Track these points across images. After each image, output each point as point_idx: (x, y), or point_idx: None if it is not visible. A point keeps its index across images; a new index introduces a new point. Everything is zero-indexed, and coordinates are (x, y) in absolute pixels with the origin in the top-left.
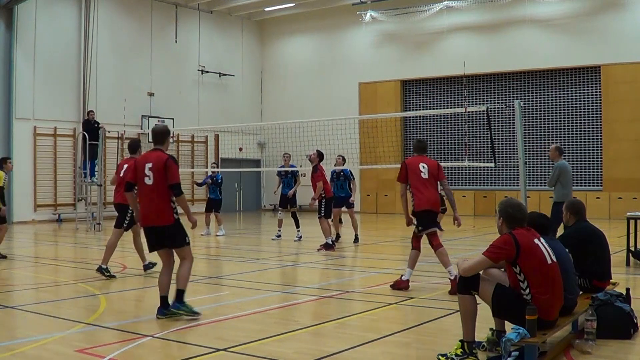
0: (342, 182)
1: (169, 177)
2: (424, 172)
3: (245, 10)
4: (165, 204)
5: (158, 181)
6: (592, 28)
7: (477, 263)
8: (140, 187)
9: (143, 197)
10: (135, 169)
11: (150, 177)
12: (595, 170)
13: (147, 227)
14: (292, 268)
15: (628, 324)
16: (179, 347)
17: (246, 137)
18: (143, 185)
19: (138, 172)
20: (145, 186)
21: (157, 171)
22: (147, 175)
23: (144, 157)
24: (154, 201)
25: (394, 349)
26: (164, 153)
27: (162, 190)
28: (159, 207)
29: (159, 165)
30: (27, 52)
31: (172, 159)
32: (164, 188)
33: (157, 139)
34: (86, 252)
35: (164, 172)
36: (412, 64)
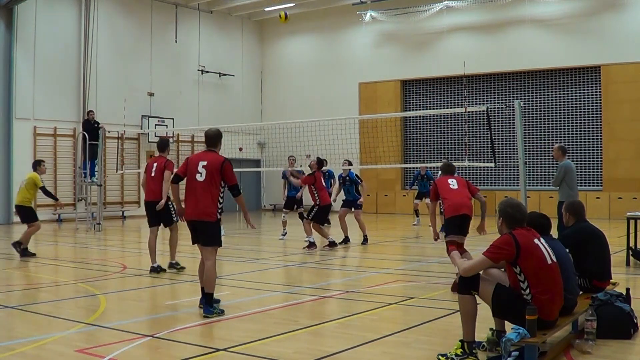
0: (348, 187)
1: (227, 179)
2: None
3: (245, 10)
4: (212, 201)
5: (209, 180)
6: (592, 28)
7: (477, 263)
8: (190, 183)
9: (191, 192)
10: (187, 164)
11: (203, 174)
12: (595, 170)
13: (191, 221)
14: (292, 268)
15: (628, 324)
16: (179, 347)
17: (246, 137)
18: (193, 182)
19: (190, 168)
20: (196, 182)
21: (211, 170)
22: (199, 172)
23: (198, 156)
24: (202, 197)
25: (394, 349)
26: (219, 155)
27: (212, 188)
28: (206, 203)
29: (214, 166)
30: (27, 52)
31: (228, 161)
32: (214, 187)
33: (211, 142)
34: (86, 252)
35: (219, 173)
36: (412, 64)
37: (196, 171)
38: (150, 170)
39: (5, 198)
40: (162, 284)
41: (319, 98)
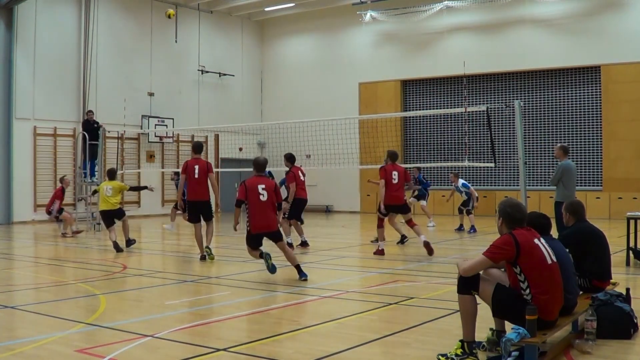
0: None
1: (278, 197)
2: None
3: (245, 10)
4: (274, 214)
5: (270, 199)
6: (592, 28)
7: (477, 263)
8: (255, 203)
9: (257, 210)
10: (247, 190)
11: (264, 196)
12: (595, 170)
13: (261, 232)
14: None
15: (628, 324)
16: (179, 347)
17: (246, 137)
18: (258, 202)
19: (251, 192)
20: (261, 202)
21: (270, 192)
22: (261, 194)
23: (255, 180)
24: (268, 213)
25: (394, 349)
26: (271, 179)
27: (273, 205)
28: (270, 217)
29: (271, 188)
30: (27, 52)
31: (277, 184)
32: (273, 204)
33: (260, 168)
34: (86, 252)
35: (274, 193)
36: (412, 64)
37: (258, 194)
38: (193, 172)
39: (6, 198)
40: (162, 284)
41: (319, 98)
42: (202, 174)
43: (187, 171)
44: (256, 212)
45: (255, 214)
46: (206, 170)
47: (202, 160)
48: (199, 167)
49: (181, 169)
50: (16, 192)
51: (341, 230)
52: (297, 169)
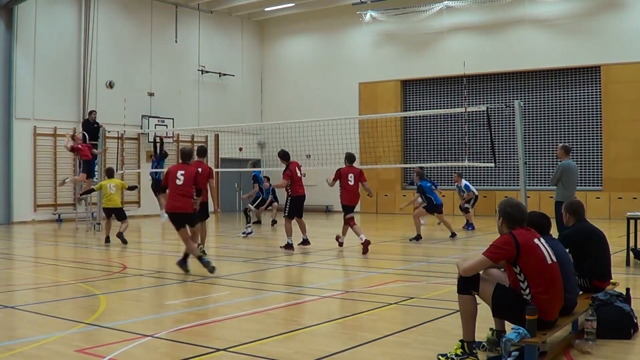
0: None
1: (197, 184)
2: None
3: (245, 10)
4: (189, 199)
5: (187, 183)
6: (592, 28)
7: (477, 263)
8: (172, 186)
9: (172, 192)
10: (169, 175)
11: (181, 180)
12: (595, 170)
13: (173, 212)
14: (292, 268)
15: (628, 324)
16: (179, 347)
17: (246, 137)
18: (175, 185)
19: (171, 176)
20: (176, 185)
21: (187, 178)
22: (178, 179)
23: (177, 167)
24: (181, 195)
25: (394, 349)
26: (193, 167)
27: (189, 190)
28: (184, 200)
29: (190, 175)
30: (27, 52)
31: (198, 172)
32: (189, 189)
33: (185, 157)
34: (86, 252)
35: (193, 180)
36: (412, 64)
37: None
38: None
39: (6, 198)
40: (162, 284)
41: (319, 98)
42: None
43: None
44: (171, 193)
45: (170, 195)
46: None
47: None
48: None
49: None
50: (16, 192)
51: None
52: (294, 165)
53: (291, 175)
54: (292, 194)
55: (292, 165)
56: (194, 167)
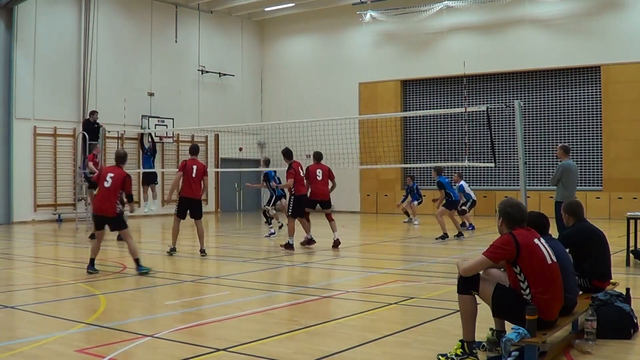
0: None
1: (125, 188)
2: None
3: (245, 10)
4: (114, 202)
5: (114, 187)
6: (592, 28)
7: (477, 263)
8: (100, 188)
9: (99, 194)
10: (100, 175)
11: (109, 182)
12: (595, 170)
13: (97, 214)
14: (292, 268)
15: (628, 324)
16: (179, 347)
17: (246, 137)
18: (102, 187)
19: (101, 178)
20: (104, 188)
21: (115, 181)
22: (106, 181)
23: (108, 169)
24: (107, 198)
25: (394, 349)
26: (123, 170)
27: (115, 193)
28: (109, 203)
29: (118, 178)
30: (27, 52)
31: (128, 176)
32: (116, 192)
33: (119, 160)
34: (86, 252)
35: (121, 183)
36: (412, 64)
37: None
38: (191, 172)
39: (6, 198)
40: (162, 284)
41: (319, 98)
42: (199, 175)
43: (186, 170)
44: (98, 195)
45: (97, 197)
46: (203, 172)
47: (199, 162)
48: (197, 168)
49: (179, 166)
50: (16, 192)
51: (341, 230)
52: (297, 164)
53: (295, 175)
54: (295, 193)
55: (295, 165)
56: (123, 171)
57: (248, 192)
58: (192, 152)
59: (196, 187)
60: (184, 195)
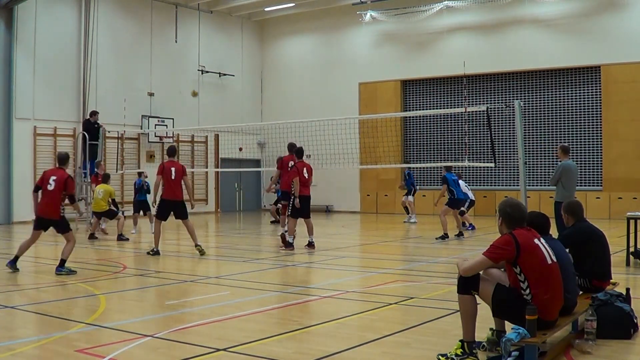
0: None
1: (67, 189)
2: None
3: (245, 10)
4: (57, 204)
5: (57, 189)
6: (592, 28)
7: (477, 263)
8: (44, 191)
9: (44, 197)
10: (43, 179)
11: (52, 185)
12: (595, 170)
13: (41, 217)
14: (292, 268)
15: (628, 324)
16: (179, 347)
17: (246, 137)
18: (46, 190)
19: (44, 181)
20: (47, 190)
21: (58, 183)
22: (50, 184)
23: (51, 172)
24: (51, 201)
25: (393, 349)
26: (65, 172)
27: (58, 195)
28: (53, 205)
29: (60, 180)
30: (27, 52)
31: (70, 177)
32: (59, 194)
33: (61, 162)
34: (86, 252)
35: (63, 185)
36: (412, 64)
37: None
38: (169, 174)
39: (6, 198)
40: (162, 284)
41: (319, 98)
42: (178, 176)
43: (164, 172)
44: (42, 198)
45: (41, 200)
46: (182, 173)
47: (177, 163)
48: (175, 169)
49: (158, 170)
50: (16, 192)
51: (341, 230)
52: (302, 165)
53: (298, 175)
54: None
55: (299, 165)
56: (64, 173)
57: (248, 192)
58: (169, 154)
59: (177, 188)
60: (165, 197)
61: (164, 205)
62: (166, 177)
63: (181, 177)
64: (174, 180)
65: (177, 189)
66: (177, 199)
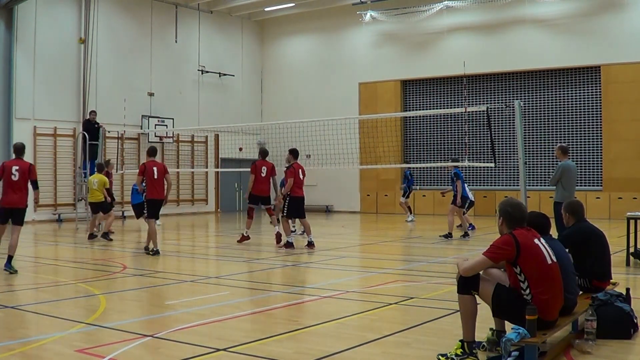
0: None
1: (31, 176)
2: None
3: (245, 10)
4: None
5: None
6: (592, 28)
7: (478, 263)
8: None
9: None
10: (4, 170)
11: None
12: (595, 170)
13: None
14: (292, 268)
15: (628, 324)
16: (179, 347)
17: (246, 137)
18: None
19: (6, 172)
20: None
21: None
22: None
23: (12, 162)
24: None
25: (394, 349)
26: (27, 162)
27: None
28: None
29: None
30: (27, 52)
31: (32, 165)
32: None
33: (18, 152)
34: (86, 252)
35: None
36: (412, 64)
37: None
38: (152, 174)
39: None
40: (162, 284)
41: (319, 98)
42: (160, 175)
43: (147, 172)
44: (7, 189)
45: (6, 191)
46: (164, 172)
47: (159, 163)
48: (157, 169)
49: (139, 170)
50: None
51: (341, 230)
52: (298, 166)
53: (294, 175)
54: (291, 194)
55: (295, 165)
56: (25, 162)
57: None
58: (149, 154)
59: (160, 187)
60: (150, 197)
61: (152, 204)
62: (149, 177)
63: (163, 176)
64: (156, 179)
65: (160, 188)
66: (161, 198)
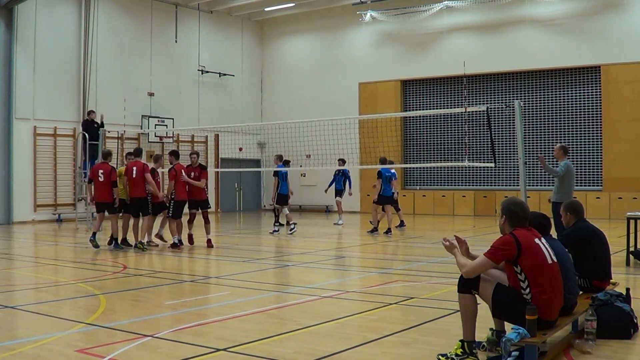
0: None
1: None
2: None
3: (245, 10)
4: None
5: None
6: (592, 28)
7: (479, 264)
8: None
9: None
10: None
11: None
12: (595, 170)
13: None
14: (291, 268)
15: (628, 324)
16: (179, 347)
17: (246, 137)
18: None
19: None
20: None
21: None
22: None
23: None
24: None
25: (394, 349)
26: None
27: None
28: None
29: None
30: (27, 52)
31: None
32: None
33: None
34: (86, 252)
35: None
36: (412, 64)
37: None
38: (131, 173)
39: (6, 198)
40: (162, 284)
41: (319, 98)
42: (139, 174)
43: (127, 172)
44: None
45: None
46: (142, 171)
47: (140, 163)
48: (136, 169)
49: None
50: (16, 192)
51: (341, 230)
52: (180, 167)
53: (175, 177)
54: (176, 196)
55: (178, 166)
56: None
57: (248, 192)
58: (134, 154)
59: (140, 186)
60: (131, 195)
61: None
62: (129, 177)
63: (142, 176)
64: (135, 179)
65: (140, 187)
66: (140, 197)
